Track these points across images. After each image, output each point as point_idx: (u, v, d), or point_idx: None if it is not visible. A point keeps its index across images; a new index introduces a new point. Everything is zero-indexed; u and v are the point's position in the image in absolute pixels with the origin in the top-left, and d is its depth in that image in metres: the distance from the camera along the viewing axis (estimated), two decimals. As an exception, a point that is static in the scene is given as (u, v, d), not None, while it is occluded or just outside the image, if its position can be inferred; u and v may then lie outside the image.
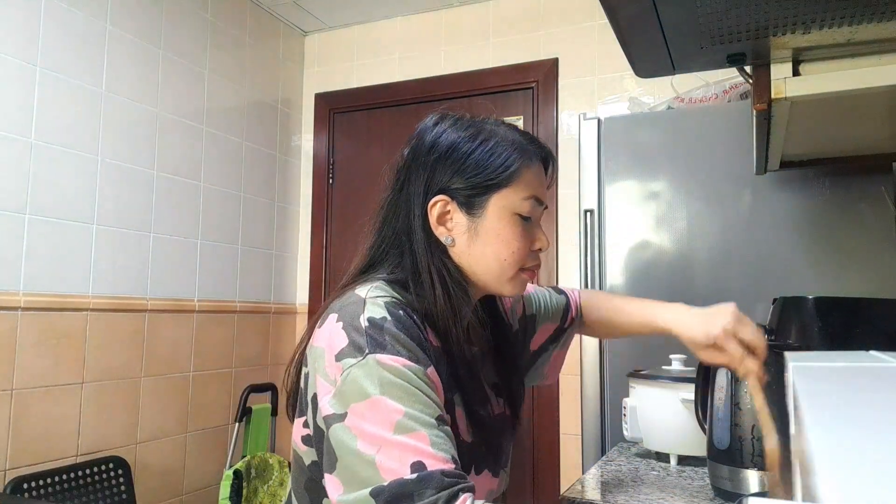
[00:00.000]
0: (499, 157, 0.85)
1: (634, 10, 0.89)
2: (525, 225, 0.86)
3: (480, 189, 0.85)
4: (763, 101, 1.02)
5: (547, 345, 1.12)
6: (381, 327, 0.76)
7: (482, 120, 0.91)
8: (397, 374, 0.73)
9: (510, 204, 0.85)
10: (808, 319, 1.28)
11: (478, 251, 0.86)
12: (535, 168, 0.88)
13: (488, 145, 0.86)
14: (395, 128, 2.97)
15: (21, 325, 1.92)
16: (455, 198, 0.86)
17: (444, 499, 0.66)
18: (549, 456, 2.54)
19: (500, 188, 0.85)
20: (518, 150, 0.86)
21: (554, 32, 2.70)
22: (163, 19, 2.43)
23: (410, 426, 0.70)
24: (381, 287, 0.83)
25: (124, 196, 2.26)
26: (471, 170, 0.85)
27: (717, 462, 1.05)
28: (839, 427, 0.29)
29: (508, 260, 0.86)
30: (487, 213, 0.85)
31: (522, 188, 0.85)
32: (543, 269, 2.62)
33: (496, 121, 0.92)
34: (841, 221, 1.61)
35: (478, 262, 0.87)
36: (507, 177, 0.85)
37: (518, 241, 0.86)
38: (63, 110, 2.07)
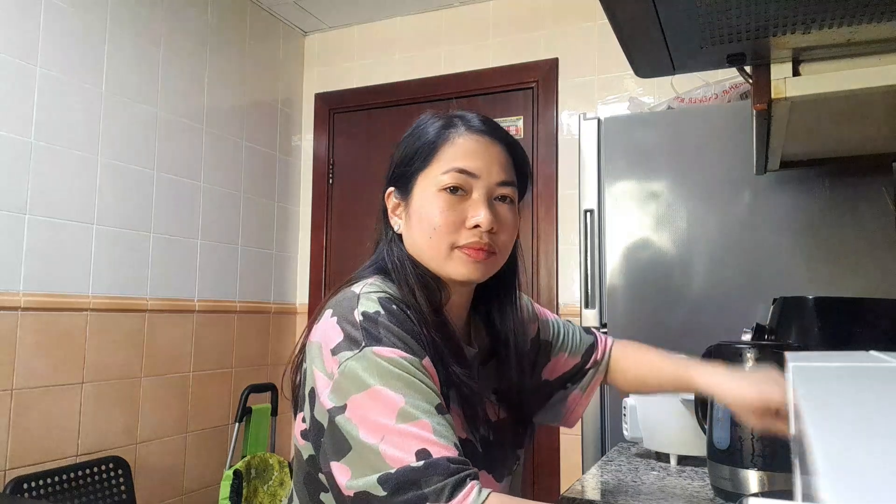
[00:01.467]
0: (419, 138, 0.87)
1: (634, 10, 0.89)
2: (451, 199, 0.84)
3: (407, 173, 0.87)
4: (763, 101, 1.02)
5: (565, 381, 1.08)
6: (376, 321, 0.77)
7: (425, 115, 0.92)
8: (395, 364, 0.73)
9: (431, 180, 0.85)
10: (808, 319, 1.28)
11: (413, 235, 0.87)
12: (462, 140, 0.86)
13: (415, 130, 0.89)
14: (395, 128, 2.97)
15: (21, 325, 1.92)
16: (396, 187, 0.90)
17: (451, 485, 0.66)
18: (549, 456, 2.54)
19: (422, 168, 0.86)
20: (441, 126, 0.87)
21: (554, 32, 2.70)
22: (163, 19, 2.43)
23: (413, 414, 0.70)
24: (375, 283, 0.84)
25: (124, 196, 2.26)
26: (401, 164, 0.89)
27: (717, 462, 1.05)
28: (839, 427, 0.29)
29: (434, 238, 0.84)
30: (413, 194, 0.87)
31: (443, 162, 0.85)
32: (544, 270, 2.62)
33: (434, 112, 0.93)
34: (841, 221, 1.61)
35: (414, 245, 0.87)
36: (426, 154, 0.86)
37: (441, 216, 0.83)
38: (63, 110, 2.07)
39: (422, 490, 0.66)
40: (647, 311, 1.77)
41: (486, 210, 0.84)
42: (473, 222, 0.83)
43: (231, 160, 2.74)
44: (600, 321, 1.83)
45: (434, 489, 0.66)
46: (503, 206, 0.87)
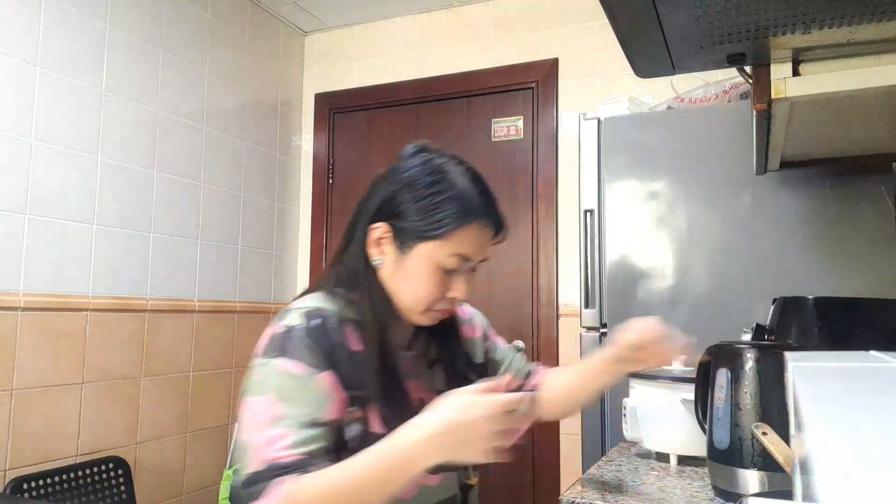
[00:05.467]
0: (441, 211, 0.90)
1: (634, 10, 0.89)
2: (445, 276, 0.92)
3: (413, 234, 0.91)
4: (763, 101, 1.02)
5: None
6: (290, 334, 0.87)
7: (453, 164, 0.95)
8: (290, 376, 0.84)
9: (434, 256, 0.91)
10: (808, 319, 1.28)
11: (396, 282, 0.94)
12: (475, 229, 0.91)
13: (436, 198, 0.90)
14: (395, 128, 2.97)
15: (21, 325, 1.92)
16: (393, 230, 0.93)
17: (266, 485, 0.78)
18: (549, 456, 2.54)
19: (429, 239, 0.90)
20: (463, 209, 0.90)
21: (554, 32, 2.70)
22: (163, 19, 2.43)
23: (285, 423, 0.81)
24: (317, 297, 0.94)
25: (124, 196, 2.26)
26: (412, 214, 0.91)
27: (717, 462, 1.05)
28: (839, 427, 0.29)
29: (419, 300, 0.93)
30: (412, 256, 0.92)
31: (452, 245, 0.90)
32: (544, 270, 2.62)
33: (466, 170, 0.96)
34: (841, 221, 1.61)
35: (394, 290, 0.94)
36: (439, 233, 0.90)
37: (432, 289, 0.92)
38: (63, 110, 2.07)
39: (256, 488, 0.78)
40: (647, 311, 1.77)
41: (465, 286, 0.94)
42: (453, 295, 0.93)
43: (231, 160, 2.74)
44: (600, 321, 1.83)
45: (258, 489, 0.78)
46: (475, 272, 0.97)
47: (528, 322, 2.63)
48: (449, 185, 0.91)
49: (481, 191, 0.94)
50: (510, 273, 2.68)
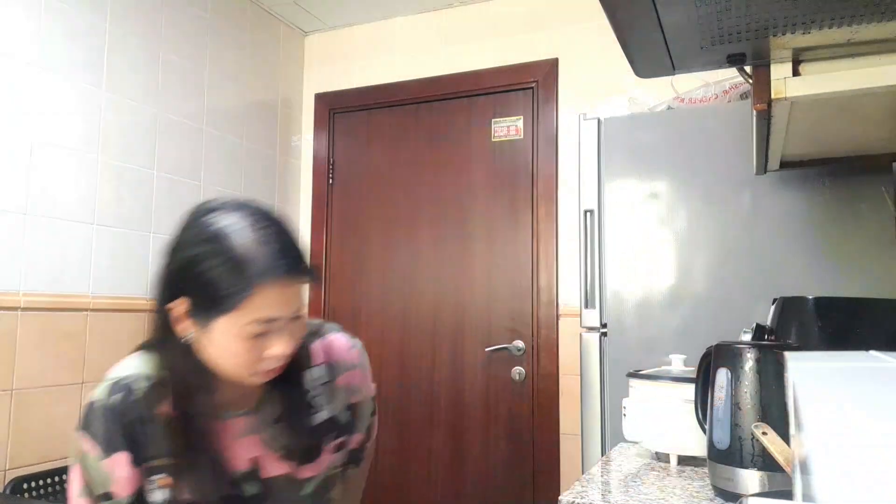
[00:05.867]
0: (224, 283, 0.83)
1: (634, 10, 0.89)
2: (253, 342, 0.86)
3: (204, 311, 0.86)
4: (763, 101, 1.02)
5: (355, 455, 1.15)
6: (91, 409, 0.91)
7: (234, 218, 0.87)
8: (81, 454, 0.91)
9: (233, 328, 0.85)
10: (808, 319, 1.28)
11: (210, 355, 0.90)
12: (269, 289, 0.84)
13: (216, 270, 0.84)
14: (395, 128, 2.97)
15: (21, 325, 1.92)
16: (187, 306, 0.88)
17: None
18: (549, 456, 2.54)
19: (225, 313, 0.84)
20: (247, 275, 0.83)
21: (554, 32, 2.70)
22: (163, 19, 2.43)
23: (85, 495, 0.91)
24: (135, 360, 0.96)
25: (124, 196, 2.26)
26: (197, 291, 0.86)
27: (717, 462, 1.05)
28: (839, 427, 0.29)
29: (238, 368, 0.89)
30: (213, 331, 0.87)
31: (248, 314, 0.84)
32: (544, 270, 2.62)
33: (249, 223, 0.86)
34: (841, 221, 1.61)
35: (212, 363, 0.90)
36: (231, 304, 0.83)
37: (244, 357, 0.87)
38: (63, 110, 2.07)
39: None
40: (647, 311, 1.77)
41: (284, 342, 0.88)
42: (275, 353, 0.88)
43: (231, 160, 2.74)
44: (600, 321, 1.83)
45: None
46: (298, 320, 0.91)
47: (528, 322, 2.63)
48: (227, 249, 0.84)
49: (267, 241, 0.85)
50: (510, 273, 2.69)
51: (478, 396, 2.68)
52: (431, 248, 2.83)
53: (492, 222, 2.74)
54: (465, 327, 2.73)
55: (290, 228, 0.92)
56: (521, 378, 2.62)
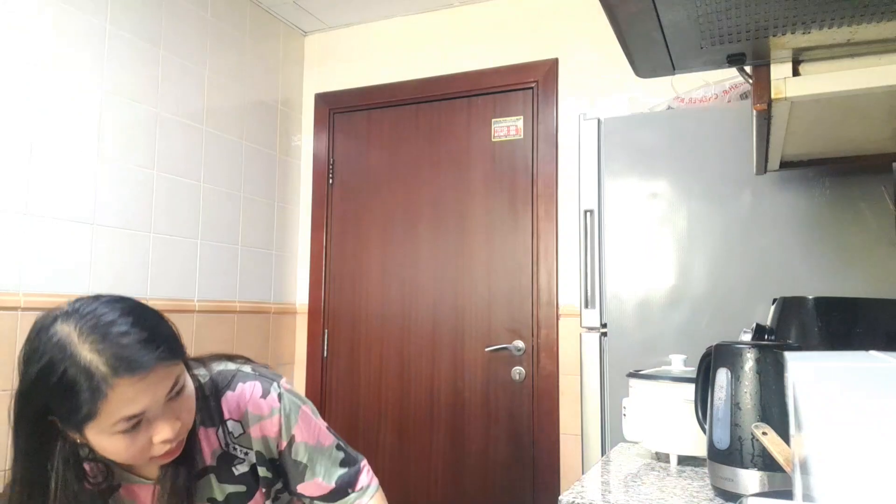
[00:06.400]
0: (75, 395, 0.82)
1: (634, 10, 0.89)
2: (133, 433, 0.85)
3: (71, 425, 0.85)
4: (763, 101, 1.02)
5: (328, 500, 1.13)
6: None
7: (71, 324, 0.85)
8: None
9: (103, 432, 0.85)
10: (808, 319, 1.29)
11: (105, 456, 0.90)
12: (124, 388, 0.82)
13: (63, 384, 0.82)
14: (395, 128, 2.97)
15: (21, 325, 1.92)
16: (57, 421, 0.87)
17: None
18: (549, 456, 2.54)
19: (87, 422, 0.83)
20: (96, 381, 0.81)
21: (554, 32, 2.70)
22: (163, 19, 2.43)
23: None
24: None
25: (124, 196, 2.26)
26: (55, 408, 0.85)
27: (717, 462, 1.05)
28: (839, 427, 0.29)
29: (131, 460, 0.89)
30: (90, 439, 0.86)
31: (110, 415, 0.83)
32: (544, 270, 2.62)
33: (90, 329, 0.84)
34: (841, 221, 1.61)
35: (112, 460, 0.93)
36: (89, 414, 0.82)
37: (129, 450, 0.86)
38: (62, 110, 2.07)
39: None
40: (647, 311, 1.77)
41: (167, 425, 0.88)
42: (159, 440, 0.88)
43: (231, 160, 2.74)
44: (600, 321, 1.83)
45: None
46: (178, 396, 0.90)
47: (528, 322, 2.64)
48: (70, 359, 0.82)
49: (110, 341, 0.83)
50: (510, 273, 2.69)
51: (478, 396, 2.68)
52: (431, 247, 2.83)
53: (492, 222, 2.74)
54: (465, 327, 2.73)
55: (142, 313, 0.90)
56: (521, 378, 2.62)
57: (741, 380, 1.03)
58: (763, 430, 0.91)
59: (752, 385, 1.02)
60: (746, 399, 1.02)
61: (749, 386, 1.02)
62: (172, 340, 0.90)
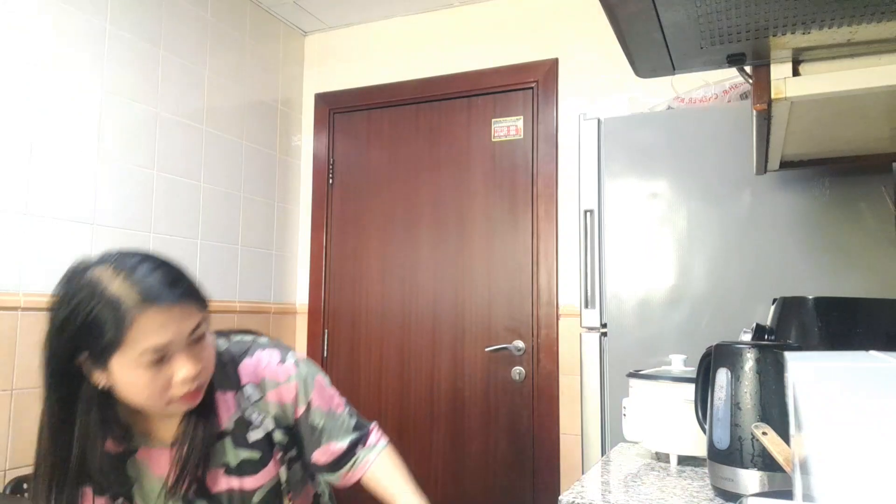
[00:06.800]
0: (102, 323, 0.87)
1: (634, 10, 0.89)
2: (154, 371, 0.90)
3: (98, 355, 0.89)
4: (763, 101, 1.02)
5: (334, 466, 1.15)
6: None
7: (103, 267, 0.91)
8: None
9: (128, 363, 0.89)
10: (808, 319, 1.28)
11: (123, 396, 0.93)
12: (149, 318, 0.88)
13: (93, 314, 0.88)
14: (395, 128, 2.97)
15: (21, 325, 1.92)
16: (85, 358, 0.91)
17: None
18: (549, 456, 2.54)
19: (114, 352, 0.88)
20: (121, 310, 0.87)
21: (554, 32, 2.70)
22: (163, 19, 2.43)
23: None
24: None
25: (124, 196, 2.26)
26: (84, 340, 0.89)
27: (717, 462, 1.05)
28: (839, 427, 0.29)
29: (151, 401, 0.92)
30: (114, 373, 0.90)
31: (136, 344, 0.88)
32: (544, 270, 2.62)
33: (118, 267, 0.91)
34: (841, 221, 1.61)
35: (131, 402, 0.94)
36: (115, 342, 0.87)
37: (151, 388, 0.90)
38: (62, 110, 2.07)
39: None
40: (647, 311, 1.77)
41: (190, 363, 0.92)
42: (181, 377, 0.91)
43: (231, 160, 2.74)
44: (600, 321, 1.83)
45: None
46: (199, 342, 0.95)
47: (528, 322, 2.64)
48: (101, 292, 0.88)
49: (140, 276, 0.90)
50: (510, 273, 2.69)
51: (478, 396, 2.68)
52: (431, 247, 2.83)
53: (492, 222, 2.74)
54: (465, 327, 2.73)
55: (168, 261, 0.97)
56: (521, 378, 2.62)
57: (741, 380, 1.03)
58: (763, 430, 0.91)
59: (752, 385, 1.02)
60: (746, 399, 1.02)
61: (749, 386, 1.02)
62: (197, 288, 0.98)
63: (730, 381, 1.04)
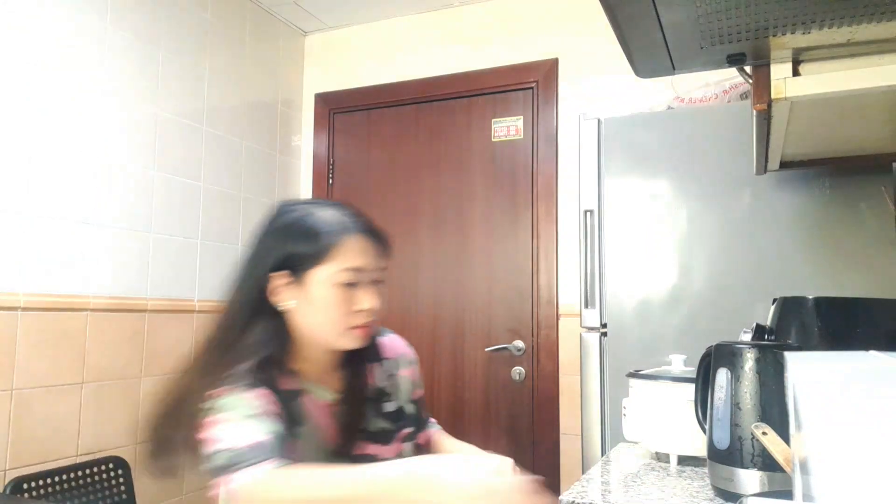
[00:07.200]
0: (319, 237, 0.99)
1: (634, 10, 0.89)
2: (347, 292, 1.00)
3: (303, 265, 0.99)
4: (763, 101, 1.02)
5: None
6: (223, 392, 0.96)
7: (317, 205, 1.05)
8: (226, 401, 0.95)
9: (329, 276, 0.99)
10: (808, 319, 1.28)
11: (307, 315, 1.01)
12: (356, 242, 1.00)
13: (313, 229, 1.00)
14: (395, 128, 2.97)
15: (21, 325, 1.92)
16: (286, 272, 1.00)
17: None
18: (549, 456, 2.54)
19: (318, 264, 0.99)
20: (337, 228, 1.00)
21: (554, 32, 2.70)
22: (162, 19, 2.43)
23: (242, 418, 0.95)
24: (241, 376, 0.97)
25: (124, 196, 2.26)
26: (297, 249, 1.00)
27: (717, 462, 1.05)
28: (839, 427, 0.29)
29: (329, 323, 1.01)
30: (311, 285, 0.99)
31: (340, 262, 0.99)
32: (544, 270, 2.62)
33: (333, 204, 1.06)
34: (841, 221, 1.61)
35: (307, 326, 1.02)
36: (323, 255, 0.99)
37: (336, 308, 1.00)
38: (62, 110, 2.07)
39: None
40: (647, 311, 1.77)
41: (373, 297, 1.02)
42: (364, 306, 1.01)
43: (231, 160, 2.74)
44: (600, 321, 1.83)
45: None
46: (380, 285, 1.05)
47: (528, 322, 2.64)
48: (319, 217, 1.01)
49: (350, 214, 1.03)
50: (510, 273, 2.69)
51: (478, 396, 2.68)
52: (431, 247, 2.83)
53: (492, 222, 2.74)
54: (465, 327, 2.73)
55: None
56: (521, 378, 2.62)
57: (741, 380, 1.03)
58: (763, 430, 0.91)
59: (752, 385, 1.02)
60: (746, 399, 1.02)
61: (749, 386, 1.02)
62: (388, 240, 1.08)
63: (730, 381, 1.04)
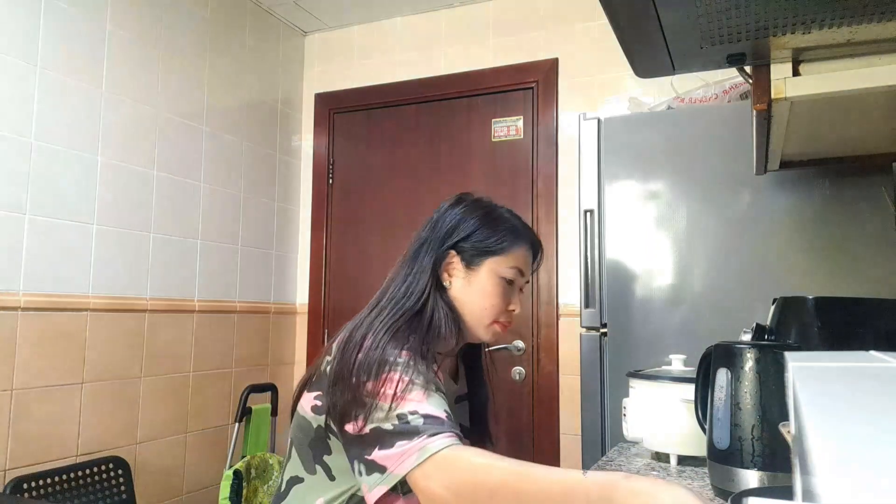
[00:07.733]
0: (500, 232, 1.12)
1: (634, 10, 0.89)
2: (507, 288, 1.13)
3: (481, 252, 1.11)
4: (763, 101, 1.02)
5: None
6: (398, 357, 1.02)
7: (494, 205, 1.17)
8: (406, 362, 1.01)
9: (498, 268, 1.11)
10: (808, 319, 1.28)
11: (466, 297, 1.11)
12: (524, 249, 1.15)
13: (494, 224, 1.13)
14: (395, 128, 2.97)
15: (21, 325, 1.92)
16: (461, 254, 1.12)
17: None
18: (549, 456, 2.54)
19: (494, 255, 1.11)
20: (514, 232, 1.13)
21: (554, 32, 2.70)
22: (162, 19, 2.43)
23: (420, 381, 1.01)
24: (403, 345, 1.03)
25: (124, 196, 2.26)
26: (477, 236, 1.12)
27: (717, 462, 1.05)
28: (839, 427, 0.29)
29: (487, 310, 1.11)
30: (481, 271, 1.11)
31: (511, 260, 1.12)
32: (544, 270, 2.62)
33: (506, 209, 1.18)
34: (841, 221, 1.61)
35: (464, 305, 1.12)
36: (501, 248, 1.11)
37: (497, 298, 1.11)
38: (63, 110, 2.07)
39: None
40: (647, 311, 1.77)
41: (520, 302, 1.16)
42: (512, 307, 1.14)
43: (231, 160, 2.74)
44: (600, 321, 1.83)
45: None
46: (522, 295, 1.19)
47: (528, 322, 2.63)
48: (499, 215, 1.14)
49: (522, 222, 1.17)
50: (510, 273, 2.68)
51: (478, 396, 2.68)
52: (431, 248, 2.82)
53: (492, 222, 2.74)
54: (465, 327, 2.73)
55: None
56: (521, 378, 2.62)
57: (741, 380, 1.03)
58: (789, 429, 0.91)
59: (752, 385, 1.02)
60: (746, 399, 1.02)
61: (749, 386, 1.02)
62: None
63: (730, 381, 1.04)
